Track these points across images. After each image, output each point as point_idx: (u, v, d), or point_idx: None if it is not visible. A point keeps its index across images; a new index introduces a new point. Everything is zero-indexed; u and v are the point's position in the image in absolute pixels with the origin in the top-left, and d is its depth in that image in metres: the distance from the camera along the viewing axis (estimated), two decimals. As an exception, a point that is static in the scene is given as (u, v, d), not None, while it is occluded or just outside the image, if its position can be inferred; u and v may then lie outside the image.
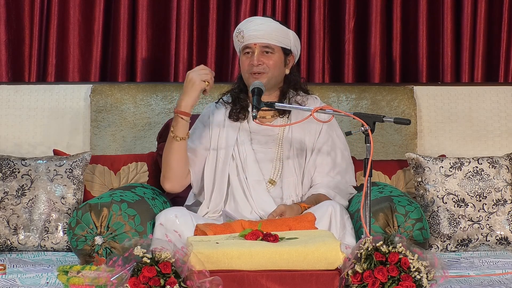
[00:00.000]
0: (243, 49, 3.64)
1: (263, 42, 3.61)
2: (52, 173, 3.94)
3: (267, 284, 2.78)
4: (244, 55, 3.64)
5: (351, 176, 3.72)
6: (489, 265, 3.63)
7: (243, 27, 3.64)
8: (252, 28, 3.62)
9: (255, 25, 3.63)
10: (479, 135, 4.43)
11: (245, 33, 3.61)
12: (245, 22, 3.69)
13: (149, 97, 4.37)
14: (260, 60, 3.60)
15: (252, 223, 3.19)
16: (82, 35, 4.64)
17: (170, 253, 2.71)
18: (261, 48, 3.61)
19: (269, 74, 3.60)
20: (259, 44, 3.61)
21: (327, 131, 3.69)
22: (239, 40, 3.64)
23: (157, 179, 4.13)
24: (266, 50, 3.62)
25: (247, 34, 3.61)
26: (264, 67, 3.60)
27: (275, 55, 3.63)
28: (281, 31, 3.65)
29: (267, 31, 3.62)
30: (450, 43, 4.71)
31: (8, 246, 3.87)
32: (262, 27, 3.62)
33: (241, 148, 3.63)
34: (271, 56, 3.62)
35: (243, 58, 3.64)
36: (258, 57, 3.60)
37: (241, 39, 3.63)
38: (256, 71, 3.59)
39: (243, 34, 3.62)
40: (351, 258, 2.80)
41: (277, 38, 3.63)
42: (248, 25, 3.65)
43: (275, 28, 3.64)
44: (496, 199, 3.95)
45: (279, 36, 3.64)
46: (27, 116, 4.37)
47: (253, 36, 3.61)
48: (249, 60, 3.61)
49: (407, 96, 4.42)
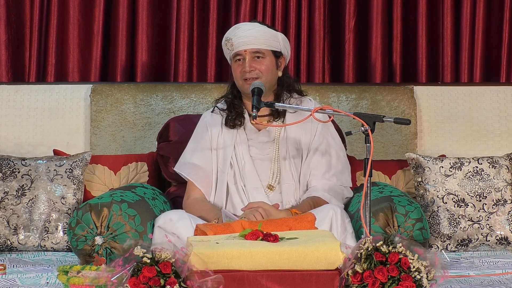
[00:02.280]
0: (233, 56, 3.62)
1: (253, 48, 3.59)
2: (52, 173, 3.94)
3: (267, 284, 2.78)
4: (235, 62, 3.62)
5: (347, 177, 3.70)
6: (489, 265, 3.63)
7: (231, 35, 3.61)
8: (241, 35, 3.59)
9: (243, 31, 3.61)
10: (479, 135, 4.43)
11: (234, 40, 3.59)
12: (233, 29, 3.66)
13: (149, 97, 4.36)
14: (252, 66, 3.58)
15: (252, 223, 3.19)
16: (82, 35, 4.64)
17: (170, 253, 2.71)
18: (251, 54, 3.59)
19: (262, 79, 3.58)
20: (249, 50, 3.59)
21: (321, 132, 3.67)
22: (229, 48, 3.62)
23: (157, 179, 4.14)
24: (257, 55, 3.60)
25: (236, 41, 3.59)
26: (257, 72, 3.58)
27: (266, 59, 3.61)
28: (269, 34, 3.63)
29: (256, 36, 3.60)
30: (450, 43, 4.71)
31: (8, 246, 3.87)
32: (250, 33, 3.60)
33: (239, 156, 3.62)
34: (262, 61, 3.60)
35: (235, 66, 3.62)
36: (250, 63, 3.58)
37: (230, 47, 3.61)
38: (249, 77, 3.57)
39: (232, 42, 3.60)
40: (351, 258, 2.80)
41: (267, 42, 3.61)
42: (236, 32, 3.62)
43: (264, 32, 3.62)
44: (496, 199, 3.95)
45: (268, 39, 3.62)
46: (27, 116, 4.37)
47: (242, 43, 3.58)
48: (241, 67, 3.59)
49: (407, 96, 4.42)
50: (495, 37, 4.72)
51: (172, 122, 4.13)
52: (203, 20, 4.68)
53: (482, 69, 4.71)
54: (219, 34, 4.69)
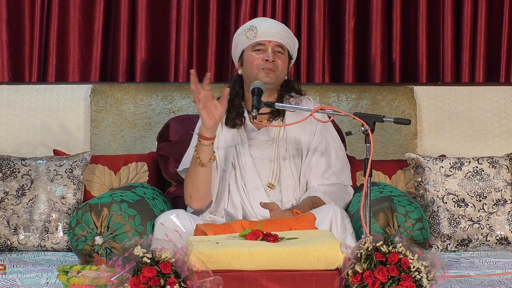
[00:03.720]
0: (254, 45, 3.61)
1: (278, 41, 3.61)
2: (52, 173, 3.94)
3: (267, 284, 2.78)
4: (255, 51, 3.61)
5: (347, 176, 3.70)
6: (489, 265, 3.63)
7: (257, 24, 3.63)
8: (267, 26, 3.62)
9: (269, 23, 3.64)
10: (479, 135, 4.43)
11: (260, 29, 3.59)
12: (258, 20, 3.71)
13: (149, 97, 4.37)
14: (273, 57, 3.60)
15: (252, 223, 3.19)
16: (82, 35, 4.64)
17: (170, 253, 2.71)
18: (274, 46, 3.61)
19: (277, 73, 3.60)
20: (273, 42, 3.61)
21: (321, 131, 3.68)
22: (249, 37, 3.61)
23: (157, 179, 4.14)
24: (278, 49, 3.61)
25: (262, 30, 3.59)
26: (275, 65, 3.59)
27: (284, 56, 3.63)
28: (291, 35, 3.68)
29: (281, 31, 3.63)
30: (450, 43, 4.71)
31: (8, 246, 3.87)
32: (276, 26, 3.64)
33: (240, 156, 3.62)
34: (281, 56, 3.62)
35: (252, 54, 3.61)
36: (272, 54, 3.60)
37: (253, 35, 3.60)
38: (269, 67, 3.58)
39: (256, 31, 3.59)
40: (351, 258, 2.80)
41: (287, 41, 3.64)
42: (262, 22, 3.64)
43: (287, 31, 3.67)
44: (496, 199, 3.95)
45: (290, 39, 3.66)
46: (27, 116, 4.37)
47: (268, 34, 3.60)
48: (263, 56, 3.59)
49: (407, 96, 4.42)
50: (496, 37, 4.72)
51: (172, 122, 4.13)
52: (203, 20, 4.68)
53: (484, 69, 4.71)
54: (219, 34, 4.69)
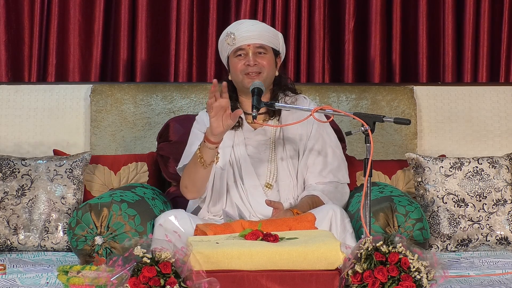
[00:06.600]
0: (234, 52, 3.60)
1: (257, 43, 3.59)
2: (52, 173, 3.94)
3: (267, 284, 2.78)
4: (236, 57, 3.60)
5: (344, 174, 3.69)
6: (489, 265, 3.63)
7: (233, 30, 3.60)
8: (244, 29, 3.59)
9: (246, 26, 3.61)
10: (479, 135, 4.43)
11: (237, 35, 3.58)
12: (235, 24, 3.66)
13: (149, 97, 4.37)
14: (255, 60, 3.58)
15: (252, 223, 3.19)
16: (82, 35, 4.64)
17: (170, 253, 2.71)
18: (255, 48, 3.59)
19: (264, 74, 3.58)
20: (253, 44, 3.59)
21: (317, 130, 3.67)
22: (229, 43, 3.59)
23: (157, 179, 4.14)
24: (260, 50, 3.59)
25: (239, 36, 3.57)
26: (259, 67, 3.58)
27: (268, 55, 3.61)
28: (271, 32, 3.64)
29: (260, 32, 3.60)
30: (451, 43, 4.71)
31: (8, 246, 3.87)
32: (254, 28, 3.60)
33: (237, 155, 3.62)
34: (264, 56, 3.60)
35: (235, 60, 3.60)
36: (253, 57, 3.59)
37: (232, 41, 3.58)
38: (252, 71, 3.57)
39: (234, 37, 3.58)
40: (351, 258, 2.80)
41: (269, 39, 3.61)
42: (238, 27, 3.62)
43: (267, 29, 3.64)
44: (496, 199, 3.95)
45: (271, 37, 3.62)
46: (27, 116, 4.37)
47: (246, 37, 3.58)
48: (244, 61, 3.58)
49: (407, 96, 4.42)
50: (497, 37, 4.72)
51: (172, 122, 4.13)
52: (203, 20, 4.68)
53: (488, 69, 4.71)
54: (219, 34, 4.65)
